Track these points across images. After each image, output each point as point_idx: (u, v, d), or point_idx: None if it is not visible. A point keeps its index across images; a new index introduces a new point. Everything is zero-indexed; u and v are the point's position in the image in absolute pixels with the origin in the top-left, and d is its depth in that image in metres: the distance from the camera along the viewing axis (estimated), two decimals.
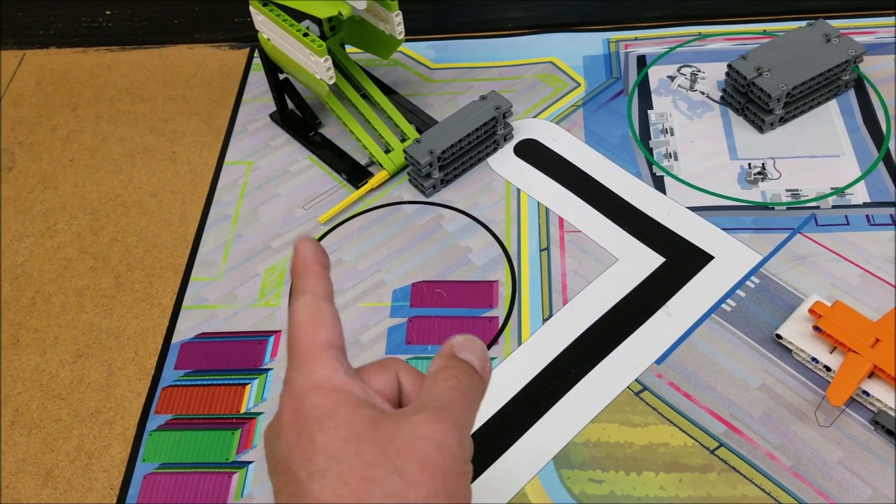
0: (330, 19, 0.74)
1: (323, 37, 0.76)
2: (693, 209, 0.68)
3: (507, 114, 0.72)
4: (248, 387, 0.60)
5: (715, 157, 0.71)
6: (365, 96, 0.77)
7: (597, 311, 0.62)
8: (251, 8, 0.71)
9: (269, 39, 0.72)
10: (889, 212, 0.65)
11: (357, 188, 0.72)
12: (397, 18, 0.69)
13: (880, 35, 0.79)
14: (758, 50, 0.72)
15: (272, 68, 0.75)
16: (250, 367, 0.61)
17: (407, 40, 0.85)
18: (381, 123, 0.75)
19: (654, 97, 0.77)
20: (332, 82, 0.68)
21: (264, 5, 0.70)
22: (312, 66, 0.68)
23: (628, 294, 0.63)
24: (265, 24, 0.71)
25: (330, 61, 0.67)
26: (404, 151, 0.70)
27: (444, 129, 0.71)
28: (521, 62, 0.83)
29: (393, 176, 0.73)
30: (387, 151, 0.74)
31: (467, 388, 0.37)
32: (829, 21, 0.79)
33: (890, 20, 0.80)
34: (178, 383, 0.61)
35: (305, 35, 0.67)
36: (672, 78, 0.78)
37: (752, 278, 0.63)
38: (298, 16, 0.69)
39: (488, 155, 0.74)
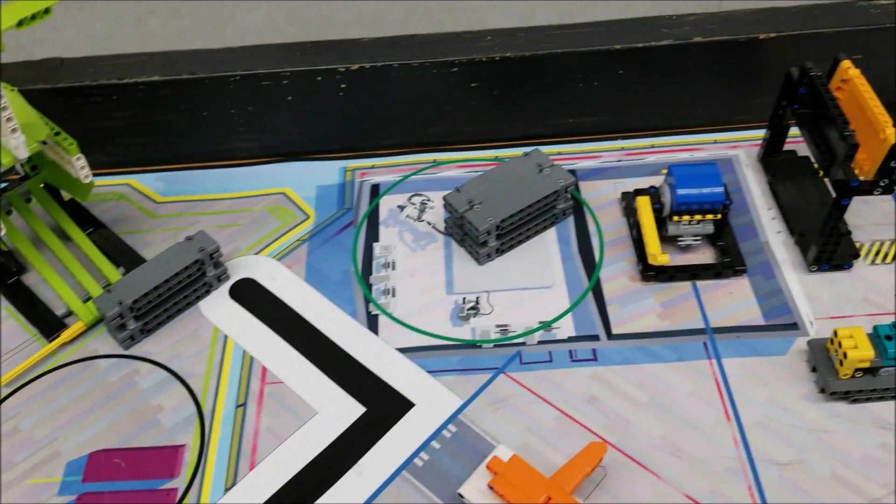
0: (30, 159, 0.70)
1: (25, 177, 0.71)
2: (402, 350, 0.65)
3: (216, 254, 0.68)
4: None
5: (432, 291, 0.69)
6: (70, 239, 0.72)
7: (283, 477, 0.58)
8: None
9: None
10: (591, 346, 0.64)
11: (49, 342, 0.66)
12: (79, 163, 0.65)
13: (605, 159, 0.80)
14: (472, 182, 0.71)
15: None
16: None
17: (135, 172, 0.81)
18: (80, 269, 0.69)
19: (381, 228, 0.75)
20: None
21: None
22: None
23: (321, 453, 0.59)
24: None
25: None
26: (93, 302, 0.65)
27: (142, 274, 0.66)
28: (253, 193, 0.79)
29: (92, 327, 0.68)
30: (87, 300, 0.68)
31: None
32: (557, 146, 0.80)
33: (615, 144, 0.81)
34: None
35: None
36: (402, 208, 0.77)
37: (450, 426, 0.60)
38: None
39: (199, 298, 0.69)
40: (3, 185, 0.72)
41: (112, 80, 0.75)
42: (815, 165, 0.68)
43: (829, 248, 0.66)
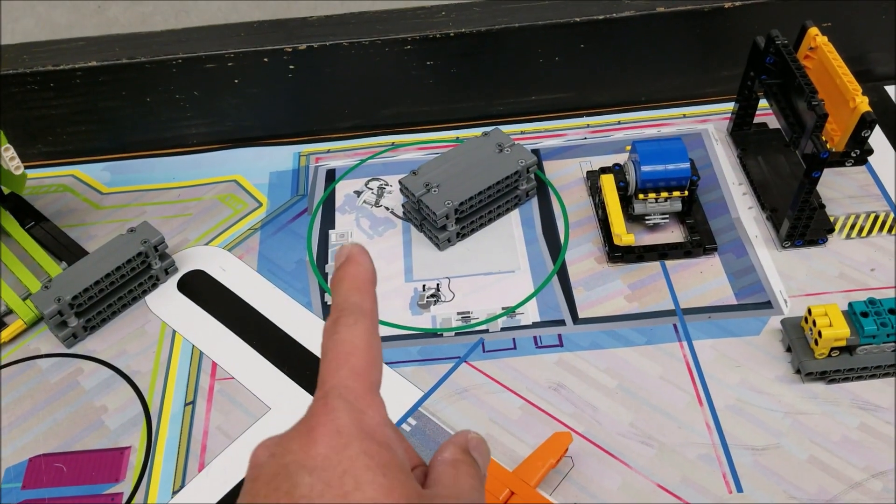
0: None
1: None
2: None
3: (160, 246, 0.65)
4: None
5: (390, 280, 0.66)
6: (8, 234, 0.68)
7: (234, 478, 0.55)
8: None
9: None
10: (557, 331, 0.61)
11: None
12: (7, 153, 0.61)
13: (570, 138, 0.77)
14: (429, 164, 0.68)
15: None
16: None
17: (80, 162, 0.78)
18: (18, 265, 0.66)
19: (337, 215, 0.72)
20: None
21: None
22: None
23: None
24: None
25: None
26: (31, 299, 0.61)
27: (82, 269, 0.63)
28: (203, 182, 0.76)
29: (33, 325, 0.64)
30: (27, 297, 0.65)
31: (481, 486, 0.35)
32: (521, 125, 0.77)
33: (579, 121, 0.78)
34: None
35: None
36: (359, 193, 0.73)
37: (410, 419, 0.57)
38: None
39: (146, 292, 0.66)
40: None
41: (48, 67, 0.72)
42: (787, 138, 0.65)
43: (802, 223, 0.64)
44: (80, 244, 0.70)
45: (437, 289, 0.65)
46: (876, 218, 0.67)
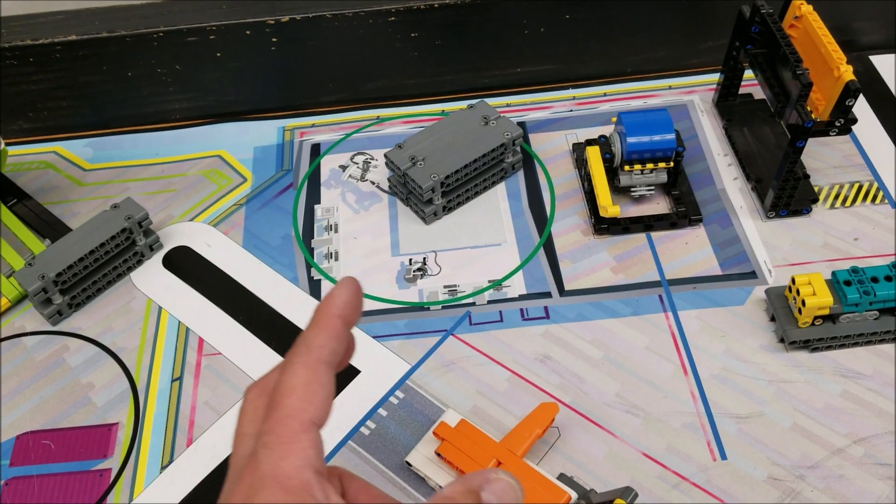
0: None
1: None
2: None
3: (144, 222, 0.64)
4: None
5: (376, 254, 0.66)
6: None
7: (223, 452, 0.55)
8: None
9: None
10: (543, 303, 0.61)
11: None
12: None
13: (556, 110, 0.76)
14: (414, 137, 0.68)
15: None
16: None
17: (61, 138, 0.77)
18: (2, 243, 0.65)
19: (323, 190, 0.71)
20: None
21: None
22: None
23: None
24: None
25: None
26: (15, 276, 0.61)
27: (66, 246, 0.62)
28: (186, 157, 0.75)
29: (17, 303, 0.64)
30: (10, 275, 0.64)
31: None
32: (507, 97, 0.77)
33: (566, 93, 0.78)
34: None
35: None
36: (344, 167, 0.73)
37: (397, 392, 0.57)
38: None
39: (131, 269, 0.66)
40: None
41: (26, 41, 0.70)
42: (771, 108, 0.65)
43: (787, 193, 0.64)
44: (64, 221, 0.69)
45: (424, 262, 0.65)
46: (860, 188, 0.67)
